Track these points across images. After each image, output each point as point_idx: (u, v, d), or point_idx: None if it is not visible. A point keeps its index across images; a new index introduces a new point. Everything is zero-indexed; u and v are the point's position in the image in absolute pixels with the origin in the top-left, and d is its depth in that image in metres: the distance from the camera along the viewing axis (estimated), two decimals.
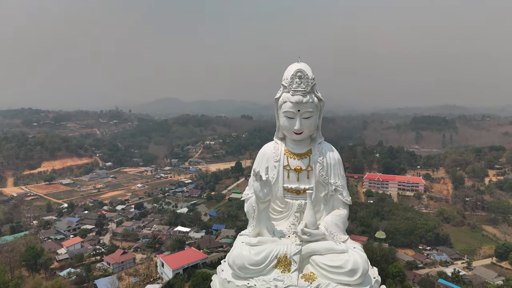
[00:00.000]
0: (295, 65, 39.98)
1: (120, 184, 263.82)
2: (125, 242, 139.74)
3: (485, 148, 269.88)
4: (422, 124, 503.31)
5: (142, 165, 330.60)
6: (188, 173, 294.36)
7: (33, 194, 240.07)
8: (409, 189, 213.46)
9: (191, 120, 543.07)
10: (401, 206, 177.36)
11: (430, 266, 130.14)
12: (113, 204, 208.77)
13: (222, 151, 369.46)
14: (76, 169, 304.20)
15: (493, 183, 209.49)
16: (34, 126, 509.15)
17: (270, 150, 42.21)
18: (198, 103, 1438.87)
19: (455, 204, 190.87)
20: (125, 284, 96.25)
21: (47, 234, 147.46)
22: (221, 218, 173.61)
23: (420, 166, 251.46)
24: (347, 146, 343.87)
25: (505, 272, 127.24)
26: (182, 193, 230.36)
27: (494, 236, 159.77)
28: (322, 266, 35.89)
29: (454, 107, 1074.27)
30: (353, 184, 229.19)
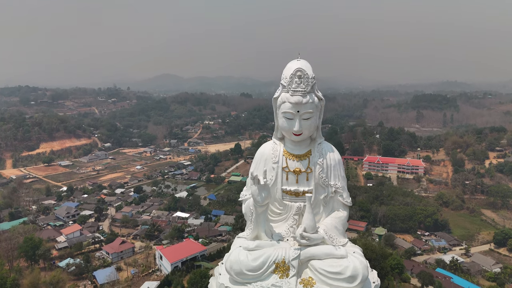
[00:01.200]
0: (294, 63, 36.64)
1: (119, 166, 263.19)
2: (124, 229, 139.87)
3: (486, 129, 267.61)
4: (423, 103, 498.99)
5: (141, 145, 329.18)
6: (187, 154, 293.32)
7: (32, 176, 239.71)
8: (409, 172, 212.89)
9: (190, 99, 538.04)
10: (401, 191, 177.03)
11: (429, 252, 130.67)
12: (112, 187, 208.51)
13: (221, 132, 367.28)
14: (74, 150, 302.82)
15: (493, 166, 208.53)
16: (31, 104, 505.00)
17: (269, 151, 39.57)
18: (196, 80, 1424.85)
19: (454, 187, 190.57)
20: (124, 275, 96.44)
21: (46, 221, 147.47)
22: (220, 203, 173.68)
23: (420, 148, 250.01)
24: (347, 127, 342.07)
25: (503, 259, 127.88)
26: (181, 176, 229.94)
27: (493, 220, 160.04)
28: (321, 271, 33.91)
29: (455, 83, 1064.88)
30: (353, 166, 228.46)
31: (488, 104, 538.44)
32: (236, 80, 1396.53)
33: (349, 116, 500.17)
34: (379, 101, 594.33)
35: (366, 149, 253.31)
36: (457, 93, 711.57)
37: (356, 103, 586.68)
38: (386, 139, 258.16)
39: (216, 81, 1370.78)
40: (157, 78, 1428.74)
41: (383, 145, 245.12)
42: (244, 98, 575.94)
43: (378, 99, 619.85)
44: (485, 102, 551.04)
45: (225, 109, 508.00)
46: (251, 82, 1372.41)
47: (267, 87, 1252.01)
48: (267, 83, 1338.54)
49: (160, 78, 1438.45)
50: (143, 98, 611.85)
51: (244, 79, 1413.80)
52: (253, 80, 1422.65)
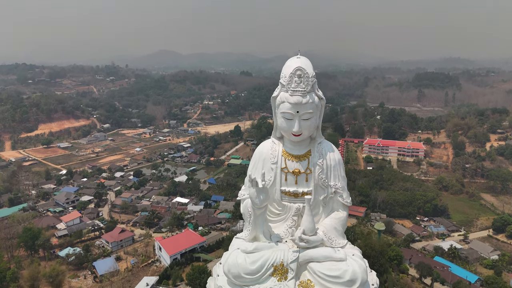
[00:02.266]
0: (294, 61, 34.18)
1: (118, 148, 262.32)
2: (124, 215, 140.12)
3: (488, 110, 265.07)
4: (425, 81, 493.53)
5: (140, 126, 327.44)
6: (186, 136, 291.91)
7: (32, 158, 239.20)
8: (409, 155, 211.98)
9: (189, 77, 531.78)
10: (401, 175, 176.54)
11: (427, 239, 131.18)
12: (112, 170, 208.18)
13: (221, 112, 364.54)
14: (73, 131, 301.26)
15: (494, 148, 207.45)
16: (29, 83, 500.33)
17: (267, 150, 37.66)
18: (195, 56, 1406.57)
19: (454, 171, 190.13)
20: (124, 265, 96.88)
21: (46, 207, 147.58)
22: (220, 187, 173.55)
23: (421, 130, 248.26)
24: (348, 107, 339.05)
25: (501, 245, 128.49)
26: (181, 158, 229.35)
27: (492, 205, 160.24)
28: (319, 274, 32.74)
29: (458, 59, 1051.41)
30: (353, 149, 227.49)
31: (490, 82, 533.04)
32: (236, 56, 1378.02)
33: (350, 95, 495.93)
34: (381, 79, 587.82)
35: (366, 131, 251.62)
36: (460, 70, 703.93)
37: (357, 81, 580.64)
38: (387, 121, 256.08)
39: (216, 57, 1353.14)
40: (155, 55, 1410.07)
41: (383, 127, 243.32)
42: (244, 77, 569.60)
43: (379, 77, 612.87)
44: (488, 80, 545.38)
45: (224, 88, 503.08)
46: (251, 58, 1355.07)
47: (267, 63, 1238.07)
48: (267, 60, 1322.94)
49: (158, 54, 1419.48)
50: (142, 77, 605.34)
51: (244, 56, 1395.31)
52: (253, 56, 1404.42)
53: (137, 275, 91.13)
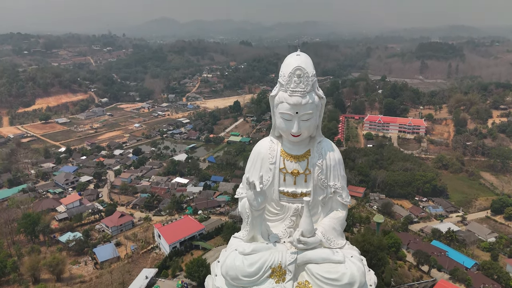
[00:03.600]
0: (293, 59, 31.92)
1: (117, 124, 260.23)
2: (123, 196, 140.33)
3: (492, 85, 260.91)
4: (428, 52, 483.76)
5: (138, 100, 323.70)
6: (185, 111, 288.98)
7: (30, 135, 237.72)
8: (410, 132, 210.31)
9: (187, 48, 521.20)
10: (401, 154, 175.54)
11: (425, 220, 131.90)
12: (111, 148, 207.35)
13: (220, 85, 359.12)
14: (71, 106, 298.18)
15: (496, 126, 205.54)
16: (24, 54, 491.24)
17: (265, 150, 35.98)
18: (194, 24, 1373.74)
19: (455, 149, 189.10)
20: (124, 251, 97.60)
21: (46, 188, 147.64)
22: (220, 166, 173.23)
23: (422, 106, 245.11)
24: (349, 80, 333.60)
25: (499, 227, 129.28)
26: (180, 135, 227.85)
27: (491, 185, 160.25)
28: (318, 276, 32.00)
29: (463, 28, 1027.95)
30: (353, 126, 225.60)
31: (495, 52, 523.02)
32: (235, 24, 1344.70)
33: (351, 66, 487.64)
34: (383, 49, 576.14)
35: (367, 107, 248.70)
36: (464, 39, 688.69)
37: (359, 52, 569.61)
38: (389, 96, 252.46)
39: (214, 25, 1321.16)
40: (153, 23, 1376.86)
41: (385, 102, 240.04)
42: (244, 47, 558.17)
43: (382, 47, 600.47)
44: (492, 50, 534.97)
45: (223, 59, 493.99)
46: (251, 26, 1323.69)
47: (268, 31, 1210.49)
48: (267, 28, 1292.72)
49: (156, 22, 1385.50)
50: (139, 47, 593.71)
51: (244, 24, 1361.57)
52: (253, 24, 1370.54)
53: (137, 262, 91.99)
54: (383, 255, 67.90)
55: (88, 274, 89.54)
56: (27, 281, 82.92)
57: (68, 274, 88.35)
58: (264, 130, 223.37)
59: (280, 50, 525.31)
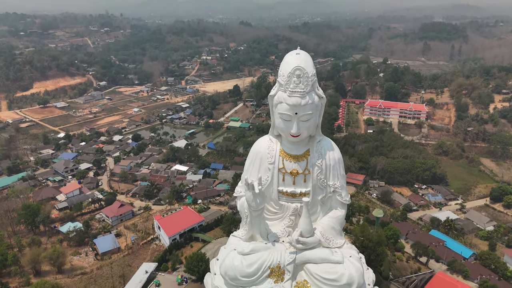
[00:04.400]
0: (293, 58, 31.25)
1: (116, 108, 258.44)
2: (123, 184, 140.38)
3: (494, 68, 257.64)
4: (430, 33, 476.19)
5: (137, 83, 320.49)
6: (185, 95, 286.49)
7: (29, 120, 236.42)
8: (411, 117, 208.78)
9: (186, 29, 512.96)
10: (401, 141, 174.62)
11: (424, 208, 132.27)
12: (110, 133, 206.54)
13: (219, 68, 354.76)
14: (69, 89, 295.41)
15: (497, 111, 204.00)
16: (21, 35, 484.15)
17: (264, 149, 35.62)
18: (193, 2, 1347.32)
19: (456, 135, 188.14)
20: (124, 241, 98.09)
21: (45, 175, 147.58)
22: (220, 152, 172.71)
23: (424, 91, 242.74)
24: (350, 63, 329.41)
25: (497, 215, 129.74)
26: (179, 120, 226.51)
27: (491, 171, 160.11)
28: (316, 277, 32.13)
29: (467, 7, 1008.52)
30: (354, 111, 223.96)
31: (498, 33, 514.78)
32: (235, 4, 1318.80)
33: (353, 47, 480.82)
34: (385, 30, 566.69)
35: (368, 91, 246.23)
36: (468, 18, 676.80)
37: (361, 32, 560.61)
38: (390, 80, 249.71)
39: (214, 4, 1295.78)
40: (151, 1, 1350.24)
41: (386, 87, 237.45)
42: (244, 28, 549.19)
43: (384, 27, 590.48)
44: (496, 31, 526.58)
45: (223, 40, 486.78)
46: (251, 5, 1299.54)
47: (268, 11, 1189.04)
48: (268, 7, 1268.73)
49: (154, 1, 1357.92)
50: (138, 27, 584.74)
51: (244, 2, 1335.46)
52: (253, 3, 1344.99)
53: (137, 254, 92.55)
54: (382, 250, 68.03)
55: (89, 265, 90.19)
56: (28, 273, 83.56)
57: (69, 265, 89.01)
58: (264, 115, 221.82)
59: (280, 31, 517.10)
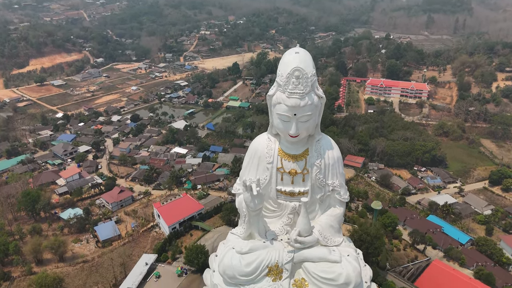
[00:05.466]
0: (292, 58, 30.32)
1: (114, 86, 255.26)
2: (122, 168, 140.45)
3: (498, 45, 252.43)
4: (435, 5, 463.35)
5: (135, 60, 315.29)
6: (183, 72, 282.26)
7: (26, 98, 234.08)
8: (412, 96, 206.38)
9: (184, 1, 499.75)
10: (402, 122, 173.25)
11: (423, 191, 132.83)
12: (108, 113, 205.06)
13: (218, 43, 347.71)
14: (66, 67, 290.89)
15: (500, 90, 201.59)
16: (15, 8, 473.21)
17: (262, 148, 35.24)
18: None
19: (457, 115, 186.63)
20: (124, 230, 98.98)
21: (45, 158, 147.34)
22: (219, 134, 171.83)
23: (426, 69, 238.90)
24: (352, 39, 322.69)
25: (496, 198, 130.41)
26: (178, 99, 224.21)
27: (491, 153, 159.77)
28: (314, 275, 32.61)
29: None
30: (355, 89, 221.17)
31: (504, 4, 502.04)
32: None
33: (355, 21, 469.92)
34: (388, 1, 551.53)
35: (370, 69, 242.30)
36: None
37: (363, 4, 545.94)
38: (392, 57, 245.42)
39: None
40: None
41: (387, 65, 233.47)
42: (243, 0, 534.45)
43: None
44: (501, 3, 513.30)
45: (222, 13, 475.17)
46: None
47: None
48: None
49: None
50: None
51: None
52: None
53: (137, 242, 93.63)
54: (380, 243, 68.57)
55: (90, 253, 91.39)
56: (30, 262, 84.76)
57: (71, 253, 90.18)
58: (263, 95, 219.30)
59: (281, 3, 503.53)
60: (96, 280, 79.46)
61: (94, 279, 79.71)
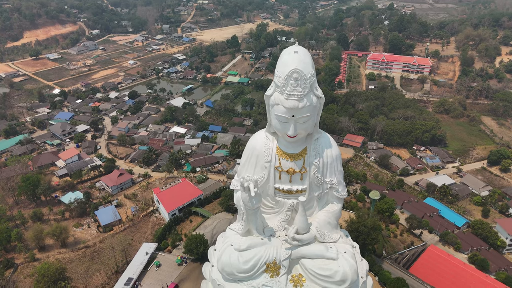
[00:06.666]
0: (291, 58, 30.36)
1: (110, 60, 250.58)
2: (121, 148, 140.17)
3: (504, 17, 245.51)
4: None
5: (131, 32, 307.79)
6: (181, 44, 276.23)
7: (22, 73, 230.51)
8: (414, 71, 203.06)
9: None
10: (402, 100, 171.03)
11: (421, 172, 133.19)
12: (106, 89, 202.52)
13: (216, 14, 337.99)
14: (61, 39, 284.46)
15: (503, 65, 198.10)
16: None
17: (260, 147, 35.81)
18: None
19: (458, 91, 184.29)
20: (124, 214, 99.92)
21: (43, 138, 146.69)
22: (218, 112, 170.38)
23: (429, 42, 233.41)
24: (354, 9, 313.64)
25: (494, 179, 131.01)
26: (176, 74, 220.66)
27: (491, 131, 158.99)
28: (311, 272, 34.15)
29: None
30: (356, 64, 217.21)
31: None
32: None
33: None
34: None
35: (372, 42, 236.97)
36: None
37: None
38: (395, 29, 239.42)
39: None
40: None
41: (390, 38, 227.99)
42: None
43: None
44: None
45: None
46: None
47: None
48: None
49: None
50: None
51: None
52: None
53: (138, 226, 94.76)
54: (377, 234, 69.31)
55: (91, 238, 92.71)
56: (33, 248, 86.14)
57: (72, 238, 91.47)
58: (263, 69, 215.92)
59: None
60: (98, 268, 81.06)
61: (96, 267, 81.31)
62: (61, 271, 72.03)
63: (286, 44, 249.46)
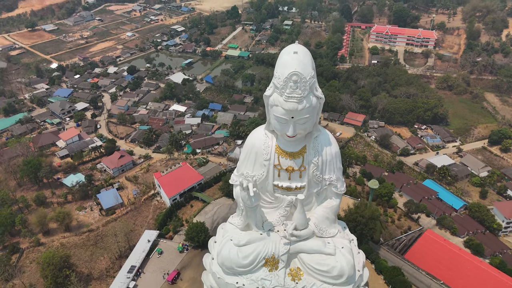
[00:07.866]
0: (290, 59, 31.28)
1: (108, 32, 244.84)
2: (121, 127, 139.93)
3: None
4: None
5: (129, 0, 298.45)
6: (180, 15, 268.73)
7: (18, 46, 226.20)
8: (419, 45, 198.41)
9: None
10: (405, 76, 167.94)
11: (422, 151, 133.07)
12: (104, 63, 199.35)
13: None
14: (57, 9, 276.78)
15: (510, 38, 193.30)
16: None
17: (259, 144, 37.21)
18: None
19: (463, 67, 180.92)
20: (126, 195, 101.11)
21: (43, 117, 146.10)
22: (218, 89, 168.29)
23: (435, 14, 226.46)
24: None
25: (494, 159, 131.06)
26: (175, 47, 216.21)
27: (494, 109, 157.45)
28: (309, 266, 36.56)
29: None
30: (359, 37, 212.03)
31: None
32: None
33: None
34: None
35: (376, 13, 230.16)
36: None
37: None
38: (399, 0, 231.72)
39: None
40: None
41: (395, 9, 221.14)
42: None
43: None
44: None
45: None
46: None
47: None
48: None
49: None
50: None
51: None
52: None
53: (139, 210, 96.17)
54: (375, 223, 70.39)
55: (94, 221, 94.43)
56: (37, 232, 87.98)
57: (76, 222, 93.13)
58: (263, 42, 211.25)
59: None
60: (101, 252, 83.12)
61: (99, 251, 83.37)
62: (65, 259, 73.86)
63: (288, 14, 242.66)
